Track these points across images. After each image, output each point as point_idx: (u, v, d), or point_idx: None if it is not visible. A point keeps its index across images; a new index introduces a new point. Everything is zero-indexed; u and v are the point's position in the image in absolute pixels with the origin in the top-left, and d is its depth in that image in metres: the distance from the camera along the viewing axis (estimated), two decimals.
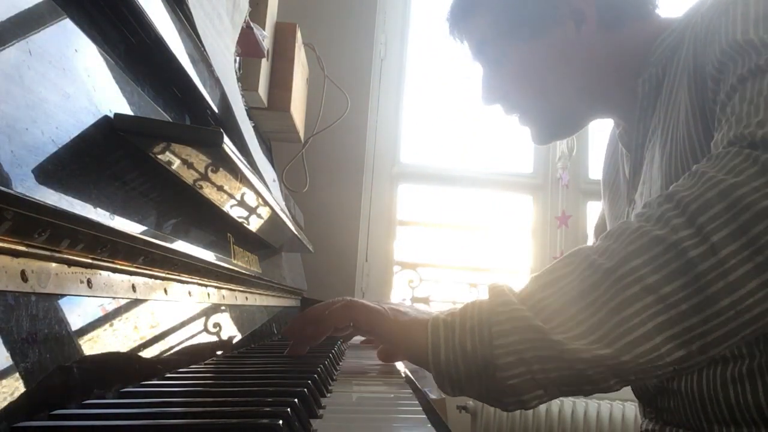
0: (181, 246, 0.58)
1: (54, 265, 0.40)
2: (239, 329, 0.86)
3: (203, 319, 0.71)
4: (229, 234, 0.81)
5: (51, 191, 0.36)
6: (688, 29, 0.72)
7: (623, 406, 1.94)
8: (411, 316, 0.61)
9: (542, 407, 1.94)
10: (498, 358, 0.51)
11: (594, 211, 2.26)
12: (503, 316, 0.52)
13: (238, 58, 1.18)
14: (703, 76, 0.66)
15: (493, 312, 0.53)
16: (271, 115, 1.65)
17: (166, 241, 0.54)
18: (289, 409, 0.37)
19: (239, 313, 0.88)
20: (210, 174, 0.64)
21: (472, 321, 0.54)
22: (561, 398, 2.04)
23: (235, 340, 0.82)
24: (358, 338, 1.30)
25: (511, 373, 0.51)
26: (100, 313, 0.46)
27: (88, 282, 0.44)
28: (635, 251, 0.50)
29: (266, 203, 0.81)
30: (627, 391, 0.86)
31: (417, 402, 0.52)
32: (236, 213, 0.80)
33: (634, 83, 0.78)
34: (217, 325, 0.76)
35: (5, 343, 0.34)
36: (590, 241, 1.13)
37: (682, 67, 0.72)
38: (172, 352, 0.60)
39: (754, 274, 0.47)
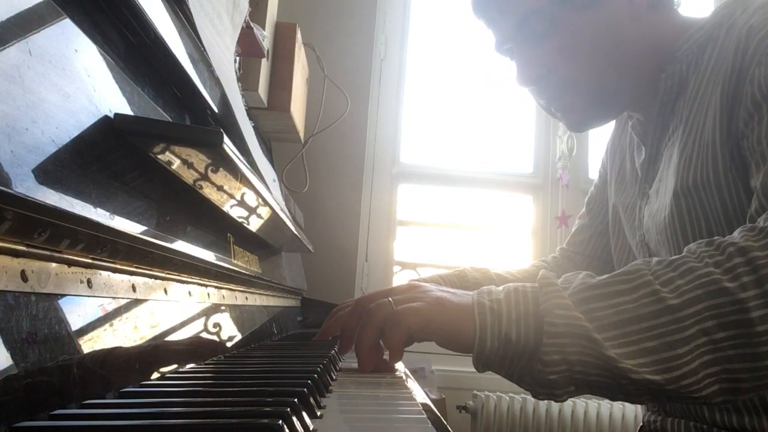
0: (181, 246, 0.58)
1: (54, 265, 0.40)
2: (239, 329, 0.86)
3: (203, 319, 0.71)
4: (229, 234, 0.81)
5: (51, 191, 0.36)
6: (722, 29, 0.72)
7: (623, 406, 1.94)
8: (453, 302, 0.61)
9: (542, 407, 1.94)
10: (544, 354, 0.54)
11: None
12: (560, 319, 0.54)
13: (238, 58, 1.18)
14: (740, 89, 0.66)
15: (549, 312, 0.55)
16: (271, 115, 1.66)
17: (166, 241, 0.54)
18: (289, 409, 0.37)
19: (239, 313, 0.88)
20: (210, 174, 0.64)
21: (518, 311, 0.57)
22: None
23: (235, 340, 0.82)
24: None
25: (553, 370, 0.54)
26: (100, 313, 0.46)
27: (88, 282, 0.44)
28: (702, 296, 0.53)
29: (266, 203, 0.81)
30: None
31: (417, 402, 0.52)
32: (236, 213, 0.80)
33: (657, 75, 0.78)
34: (217, 325, 0.76)
35: (5, 343, 0.34)
36: (582, 213, 1.12)
37: (713, 69, 0.71)
38: (172, 352, 0.60)
39: None
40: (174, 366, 0.60)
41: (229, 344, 0.79)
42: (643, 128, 0.85)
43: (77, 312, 0.42)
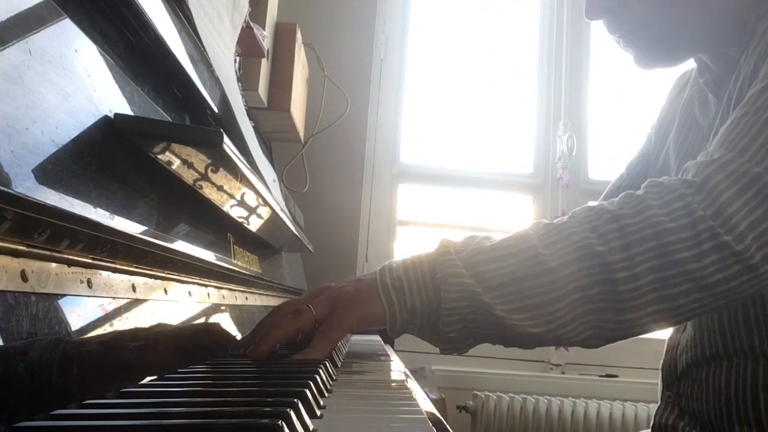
0: (181, 246, 0.58)
1: (54, 265, 0.40)
2: (239, 329, 0.86)
3: (203, 319, 0.71)
4: (229, 234, 0.81)
5: (51, 191, 0.36)
6: None
7: (623, 406, 1.94)
8: (356, 285, 0.66)
9: (542, 407, 1.94)
10: (443, 316, 0.62)
11: None
12: (453, 287, 0.62)
13: (238, 58, 1.18)
14: None
15: (444, 281, 0.62)
16: (271, 115, 1.65)
17: (166, 241, 0.54)
18: (289, 409, 0.37)
19: (239, 313, 0.88)
20: (210, 174, 0.64)
21: (418, 283, 0.64)
22: (561, 398, 2.05)
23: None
24: (356, 339, 1.31)
25: (452, 329, 0.63)
26: (100, 313, 0.46)
27: (88, 282, 0.44)
28: (576, 259, 0.61)
29: (266, 203, 0.81)
30: (628, 391, 0.86)
31: (417, 402, 0.52)
32: (236, 213, 0.80)
33: (745, 17, 0.72)
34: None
35: (5, 343, 0.34)
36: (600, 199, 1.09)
37: None
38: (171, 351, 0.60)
39: (655, 302, 0.59)
40: (173, 366, 0.60)
41: None
42: (716, 82, 0.78)
43: (77, 312, 0.42)
